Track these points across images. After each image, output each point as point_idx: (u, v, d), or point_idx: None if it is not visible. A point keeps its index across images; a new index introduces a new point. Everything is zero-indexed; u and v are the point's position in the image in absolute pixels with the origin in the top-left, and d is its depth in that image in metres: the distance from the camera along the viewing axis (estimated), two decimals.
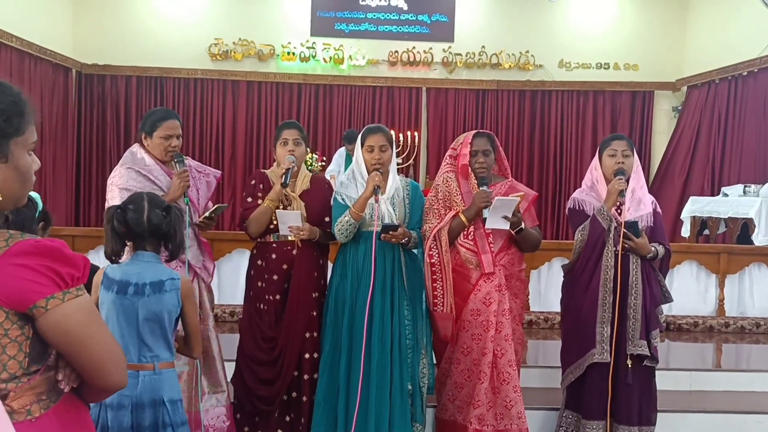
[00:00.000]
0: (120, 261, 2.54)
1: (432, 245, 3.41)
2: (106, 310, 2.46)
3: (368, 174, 3.39)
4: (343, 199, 3.42)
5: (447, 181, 3.52)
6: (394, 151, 3.53)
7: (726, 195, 7.66)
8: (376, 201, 3.29)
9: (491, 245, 3.43)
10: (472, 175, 3.47)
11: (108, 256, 2.50)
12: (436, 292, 3.40)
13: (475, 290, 3.41)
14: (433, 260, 3.41)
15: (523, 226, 3.40)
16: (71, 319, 1.37)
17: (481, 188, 3.39)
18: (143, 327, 2.46)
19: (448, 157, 3.58)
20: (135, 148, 3.41)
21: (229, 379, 3.55)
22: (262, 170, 3.63)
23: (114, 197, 3.19)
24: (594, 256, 3.44)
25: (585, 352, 3.42)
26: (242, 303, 4.65)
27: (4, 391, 1.34)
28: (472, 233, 3.44)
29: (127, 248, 2.56)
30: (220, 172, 3.71)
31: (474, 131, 3.57)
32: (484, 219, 3.34)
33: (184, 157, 3.45)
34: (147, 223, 2.46)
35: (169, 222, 2.50)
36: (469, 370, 3.40)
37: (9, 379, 1.35)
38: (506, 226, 3.33)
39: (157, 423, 2.43)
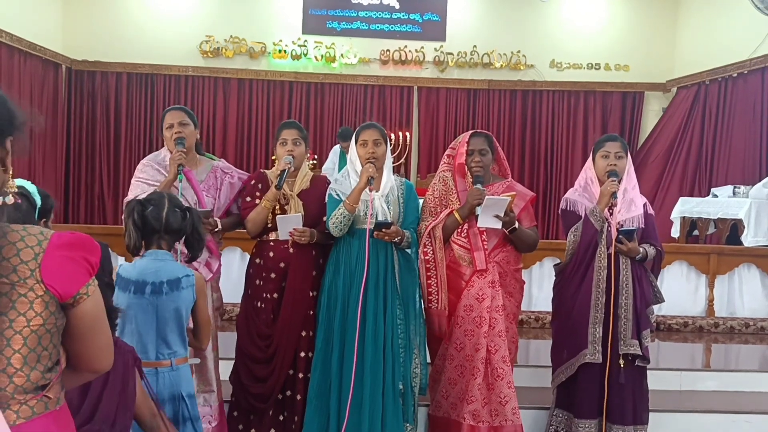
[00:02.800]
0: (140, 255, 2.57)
1: (427, 242, 3.43)
2: (125, 311, 2.46)
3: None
4: (338, 195, 3.40)
5: (444, 179, 3.55)
6: (389, 148, 3.52)
7: (716, 196, 7.70)
8: (371, 190, 3.28)
9: (485, 243, 3.44)
10: (469, 174, 3.48)
11: (130, 250, 2.54)
12: (430, 289, 3.41)
13: (468, 286, 3.42)
14: (427, 257, 3.41)
15: (516, 225, 3.40)
16: (98, 304, 1.49)
17: (475, 186, 3.40)
18: (162, 325, 2.48)
19: (446, 157, 3.61)
20: (163, 148, 3.61)
21: (223, 379, 3.53)
22: (262, 170, 3.63)
23: (131, 189, 3.44)
24: (586, 257, 3.45)
25: (577, 352, 3.42)
26: (227, 301, 4.63)
27: (46, 381, 1.42)
28: (465, 230, 3.45)
29: None
30: (248, 174, 3.72)
31: (472, 131, 3.59)
32: (477, 216, 3.34)
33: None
34: (165, 220, 2.49)
35: (191, 223, 2.53)
36: (462, 366, 3.40)
37: (51, 369, 1.43)
38: (498, 225, 3.33)
39: (177, 417, 2.46)
